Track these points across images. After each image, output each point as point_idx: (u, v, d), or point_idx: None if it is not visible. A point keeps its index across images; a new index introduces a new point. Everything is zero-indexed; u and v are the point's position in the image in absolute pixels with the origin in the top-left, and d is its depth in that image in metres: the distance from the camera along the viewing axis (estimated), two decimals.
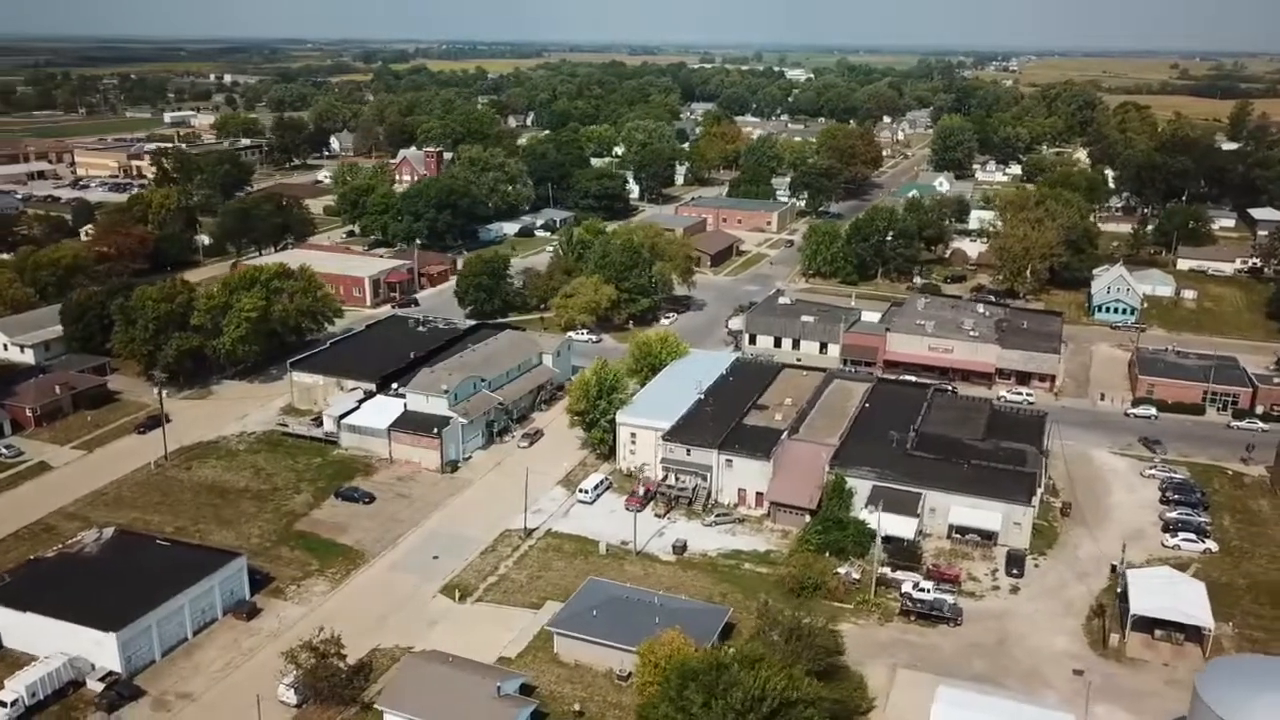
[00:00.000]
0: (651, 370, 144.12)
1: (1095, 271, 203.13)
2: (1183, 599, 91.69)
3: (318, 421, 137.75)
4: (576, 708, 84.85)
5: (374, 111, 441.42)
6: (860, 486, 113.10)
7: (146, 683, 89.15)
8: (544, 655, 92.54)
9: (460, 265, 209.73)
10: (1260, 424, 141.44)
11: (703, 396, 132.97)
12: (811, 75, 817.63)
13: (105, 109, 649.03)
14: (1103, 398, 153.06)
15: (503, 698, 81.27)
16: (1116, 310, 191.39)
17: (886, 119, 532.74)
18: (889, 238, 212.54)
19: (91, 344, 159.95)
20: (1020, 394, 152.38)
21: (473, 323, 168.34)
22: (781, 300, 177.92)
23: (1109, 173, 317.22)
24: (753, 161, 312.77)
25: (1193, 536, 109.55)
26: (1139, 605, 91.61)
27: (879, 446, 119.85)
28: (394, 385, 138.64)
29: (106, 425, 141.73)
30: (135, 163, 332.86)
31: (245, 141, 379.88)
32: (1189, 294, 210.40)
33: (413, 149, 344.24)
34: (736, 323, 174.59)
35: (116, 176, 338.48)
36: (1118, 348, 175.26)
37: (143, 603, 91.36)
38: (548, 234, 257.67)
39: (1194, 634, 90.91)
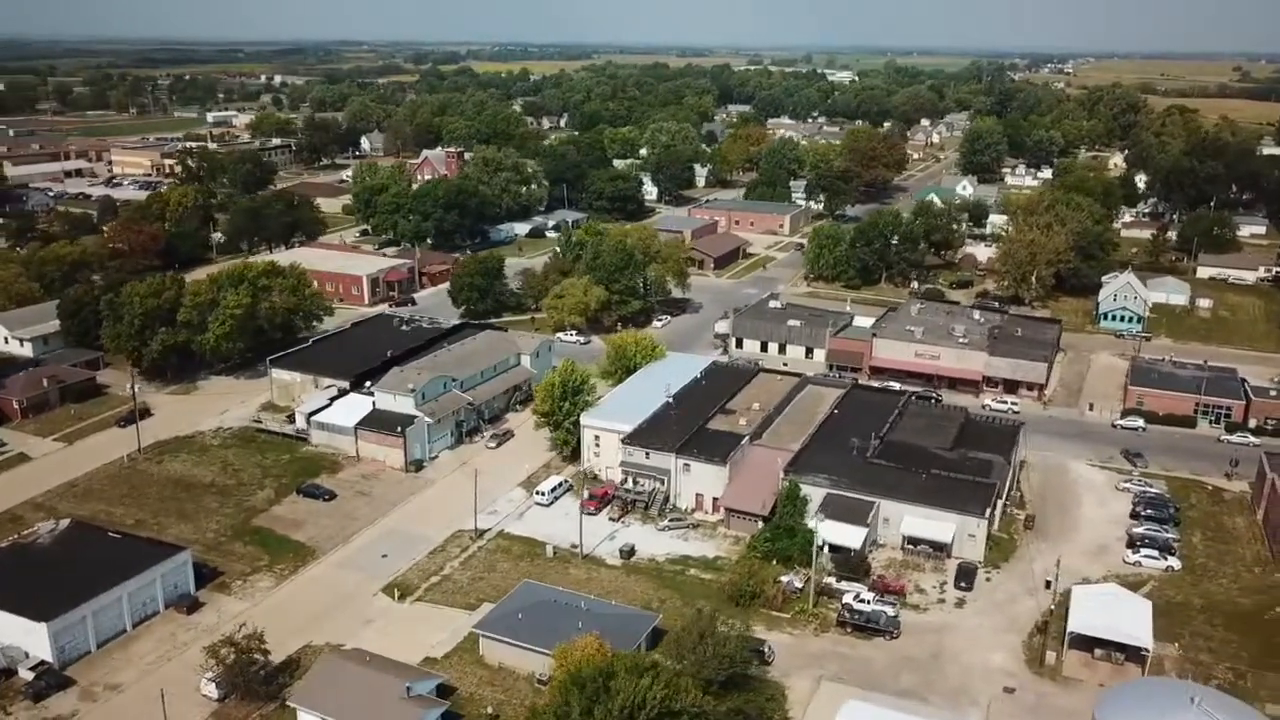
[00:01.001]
0: (626, 372, 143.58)
1: (1104, 278, 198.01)
2: (1124, 618, 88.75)
3: (291, 419, 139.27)
4: (490, 710, 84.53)
5: (407, 112, 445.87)
6: (814, 494, 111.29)
7: (79, 673, 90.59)
8: (469, 657, 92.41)
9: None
10: (1251, 438, 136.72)
11: (670, 400, 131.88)
12: (855, 77, 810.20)
13: (155, 109, 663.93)
14: (1091, 408, 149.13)
15: (412, 699, 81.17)
16: (1122, 318, 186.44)
17: (925, 122, 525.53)
18: (894, 242, 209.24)
19: (87, 339, 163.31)
20: (1005, 403, 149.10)
21: (456, 322, 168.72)
22: (772, 304, 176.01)
23: (1141, 177, 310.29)
24: (772, 164, 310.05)
25: (1155, 553, 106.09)
26: (1077, 623, 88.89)
27: (839, 454, 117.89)
28: (366, 384, 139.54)
29: (90, 419, 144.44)
30: (167, 161, 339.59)
31: (276, 141, 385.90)
32: (1204, 303, 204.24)
33: (438, 149, 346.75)
34: (723, 326, 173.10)
35: (149, 175, 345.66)
36: (1118, 357, 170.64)
37: (79, 594, 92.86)
38: (559, 235, 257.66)
39: (1135, 654, 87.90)
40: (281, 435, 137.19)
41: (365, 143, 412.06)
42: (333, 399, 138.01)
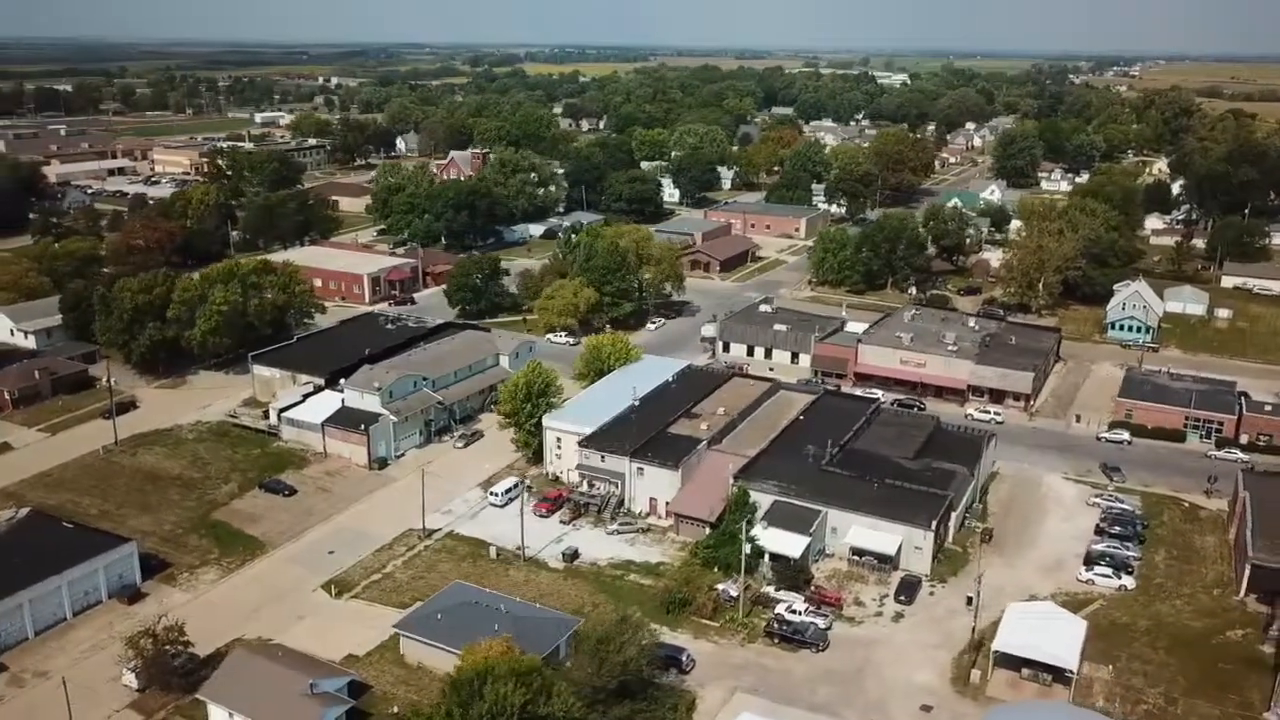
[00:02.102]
0: (599, 375, 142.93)
1: (1115, 287, 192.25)
2: (1054, 638, 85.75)
3: (266, 414, 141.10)
4: (395, 709, 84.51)
5: (444, 113, 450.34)
6: (763, 501, 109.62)
7: (12, 659, 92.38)
8: (391, 656, 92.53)
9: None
10: (1240, 454, 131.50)
11: (637, 403, 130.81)
12: (907, 79, 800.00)
13: (210, 109, 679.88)
14: (1078, 419, 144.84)
15: (315, 695, 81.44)
16: (1130, 328, 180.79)
17: (970, 125, 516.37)
18: (902, 246, 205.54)
19: (86, 332, 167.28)
20: (989, 412, 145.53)
21: (440, 321, 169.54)
22: (762, 308, 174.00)
23: (1180, 183, 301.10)
24: (795, 166, 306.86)
25: (1109, 572, 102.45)
26: (1003, 642, 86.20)
27: (794, 461, 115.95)
28: (340, 381, 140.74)
29: (77, 410, 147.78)
30: (204, 161, 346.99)
31: (311, 141, 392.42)
32: (1223, 313, 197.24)
33: (465, 150, 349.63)
34: (709, 330, 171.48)
35: (187, 173, 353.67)
36: (1119, 368, 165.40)
37: (17, 582, 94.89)
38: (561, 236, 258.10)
39: (1061, 676, 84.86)
40: (255, 431, 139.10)
41: (401, 143, 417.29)
42: (306, 395, 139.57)
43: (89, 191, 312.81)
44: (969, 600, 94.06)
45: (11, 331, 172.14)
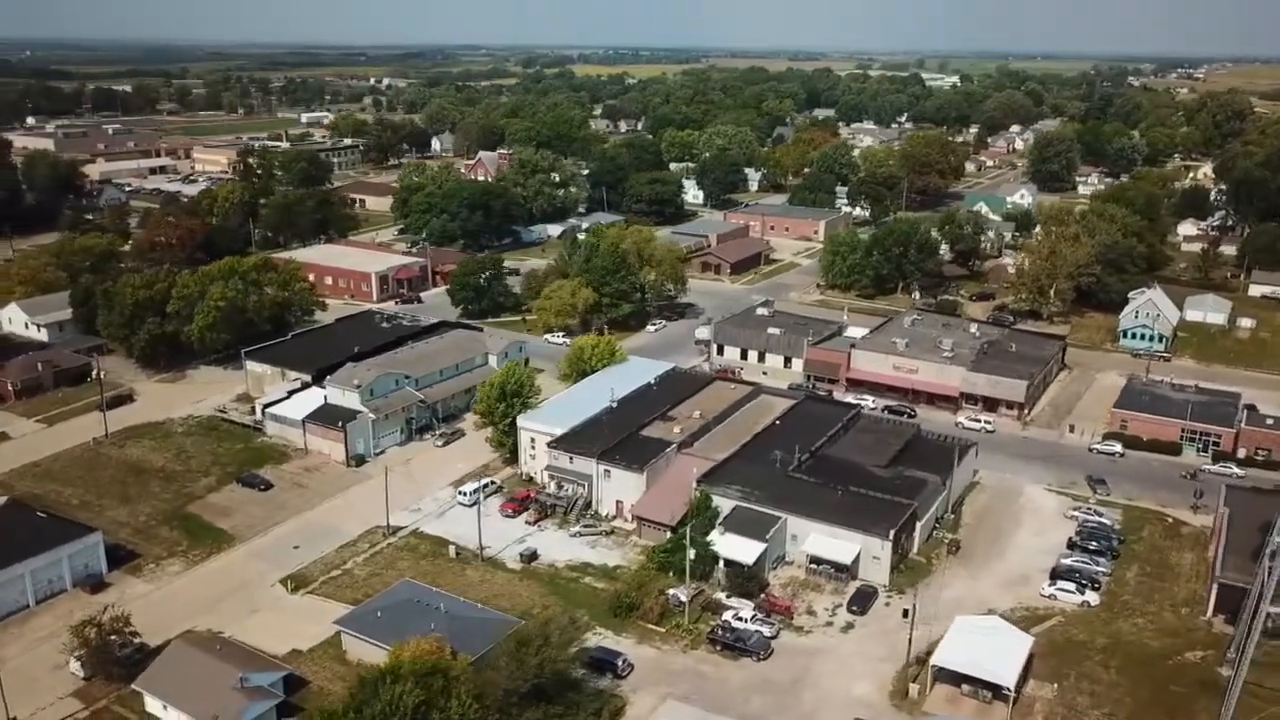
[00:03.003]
0: (582, 376, 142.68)
1: (1130, 294, 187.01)
2: (995, 654, 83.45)
3: (254, 410, 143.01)
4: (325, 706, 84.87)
5: (481, 113, 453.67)
6: (725, 506, 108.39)
7: None
8: (334, 652, 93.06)
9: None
10: (1235, 469, 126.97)
11: (614, 405, 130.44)
12: (957, 81, 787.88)
13: (262, 110, 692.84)
14: (1071, 430, 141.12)
15: (244, 689, 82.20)
16: (1142, 336, 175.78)
17: (1015, 127, 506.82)
18: (913, 251, 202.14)
19: (94, 326, 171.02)
20: (979, 421, 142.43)
21: (435, 320, 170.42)
22: (759, 311, 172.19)
23: (1221, 187, 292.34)
24: (821, 169, 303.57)
25: (1071, 587, 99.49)
26: (942, 656, 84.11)
27: (761, 466, 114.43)
28: (327, 378, 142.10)
29: (76, 402, 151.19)
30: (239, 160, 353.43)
31: (347, 141, 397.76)
32: (1246, 322, 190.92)
33: (494, 151, 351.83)
34: (704, 332, 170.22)
35: (225, 172, 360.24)
36: (1124, 377, 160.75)
37: None
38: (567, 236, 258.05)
39: (1002, 693, 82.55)
40: (242, 426, 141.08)
41: (436, 143, 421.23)
42: (291, 392, 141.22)
43: (126, 189, 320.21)
44: (904, 613, 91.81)
45: (25, 324, 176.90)
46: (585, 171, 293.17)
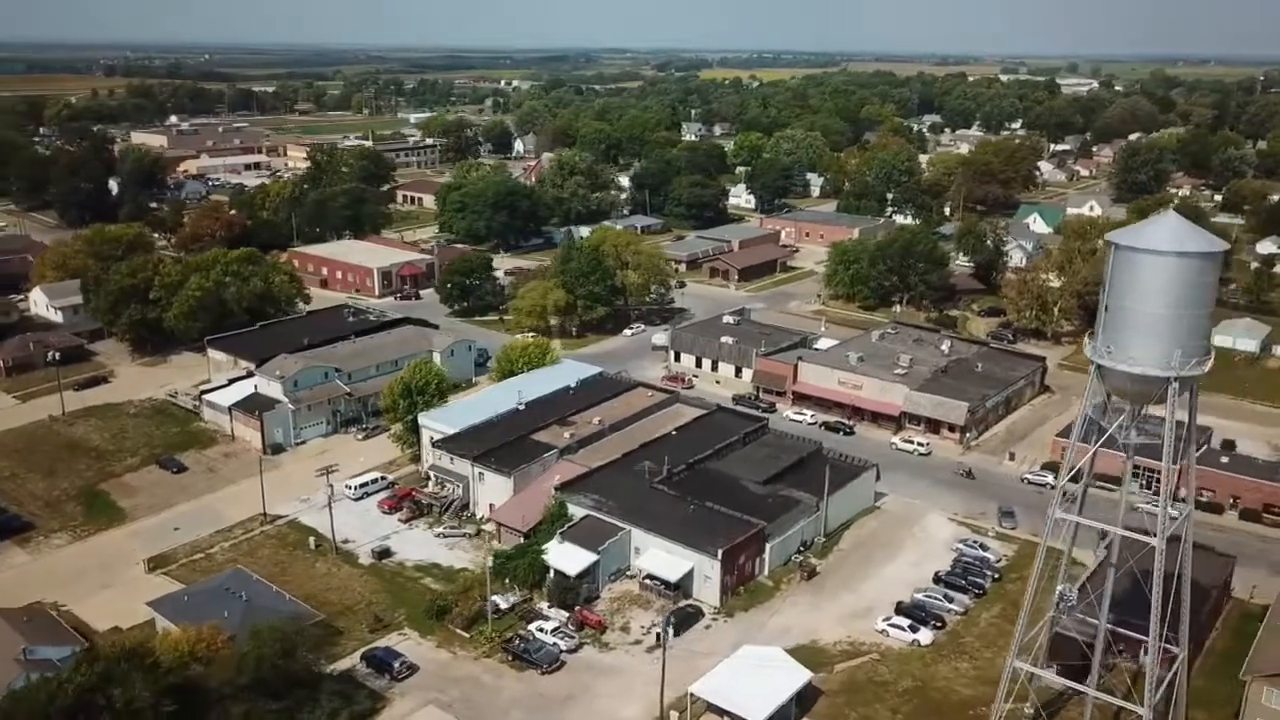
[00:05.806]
0: (508, 375, 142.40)
1: None
2: (757, 687, 78.68)
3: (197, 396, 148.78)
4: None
5: (571, 115, 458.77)
6: (577, 515, 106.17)
7: None
8: (150, 631, 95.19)
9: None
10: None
11: (521, 407, 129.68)
12: (1095, 85, 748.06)
13: (386, 111, 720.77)
14: (1011, 457, 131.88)
15: (27, 661, 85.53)
16: None
17: (1133, 136, 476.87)
18: (921, 262, 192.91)
19: None
20: (912, 442, 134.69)
21: (398, 316, 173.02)
22: (726, 319, 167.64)
23: None
24: (880, 175, 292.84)
25: (905, 624, 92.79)
26: (701, 685, 79.95)
27: (630, 477, 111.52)
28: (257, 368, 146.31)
29: (58, 380, 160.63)
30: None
31: (429, 140, 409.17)
32: None
33: (552, 152, 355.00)
34: (661, 339, 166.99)
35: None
36: None
37: None
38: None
39: None
40: (185, 410, 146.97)
41: (519, 144, 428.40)
42: (232, 380, 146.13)
43: (210, 183, 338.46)
44: (657, 637, 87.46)
45: (46, 307, 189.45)
46: (630, 174, 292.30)
